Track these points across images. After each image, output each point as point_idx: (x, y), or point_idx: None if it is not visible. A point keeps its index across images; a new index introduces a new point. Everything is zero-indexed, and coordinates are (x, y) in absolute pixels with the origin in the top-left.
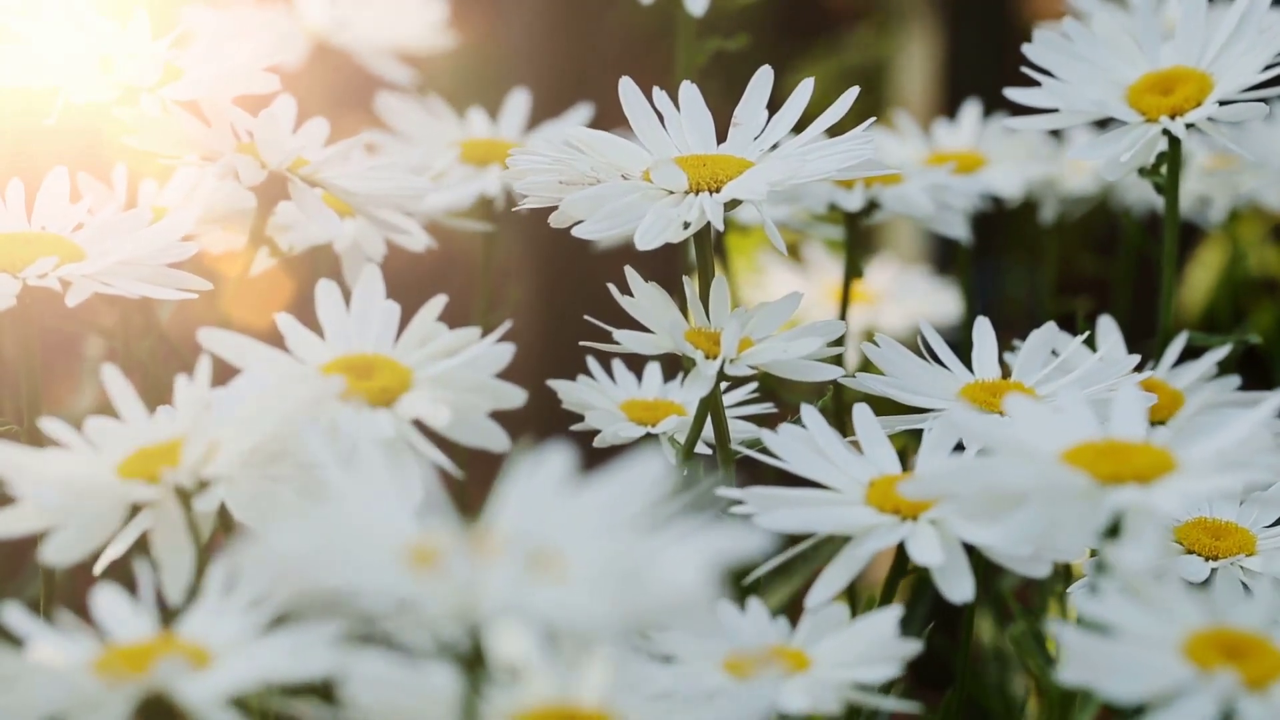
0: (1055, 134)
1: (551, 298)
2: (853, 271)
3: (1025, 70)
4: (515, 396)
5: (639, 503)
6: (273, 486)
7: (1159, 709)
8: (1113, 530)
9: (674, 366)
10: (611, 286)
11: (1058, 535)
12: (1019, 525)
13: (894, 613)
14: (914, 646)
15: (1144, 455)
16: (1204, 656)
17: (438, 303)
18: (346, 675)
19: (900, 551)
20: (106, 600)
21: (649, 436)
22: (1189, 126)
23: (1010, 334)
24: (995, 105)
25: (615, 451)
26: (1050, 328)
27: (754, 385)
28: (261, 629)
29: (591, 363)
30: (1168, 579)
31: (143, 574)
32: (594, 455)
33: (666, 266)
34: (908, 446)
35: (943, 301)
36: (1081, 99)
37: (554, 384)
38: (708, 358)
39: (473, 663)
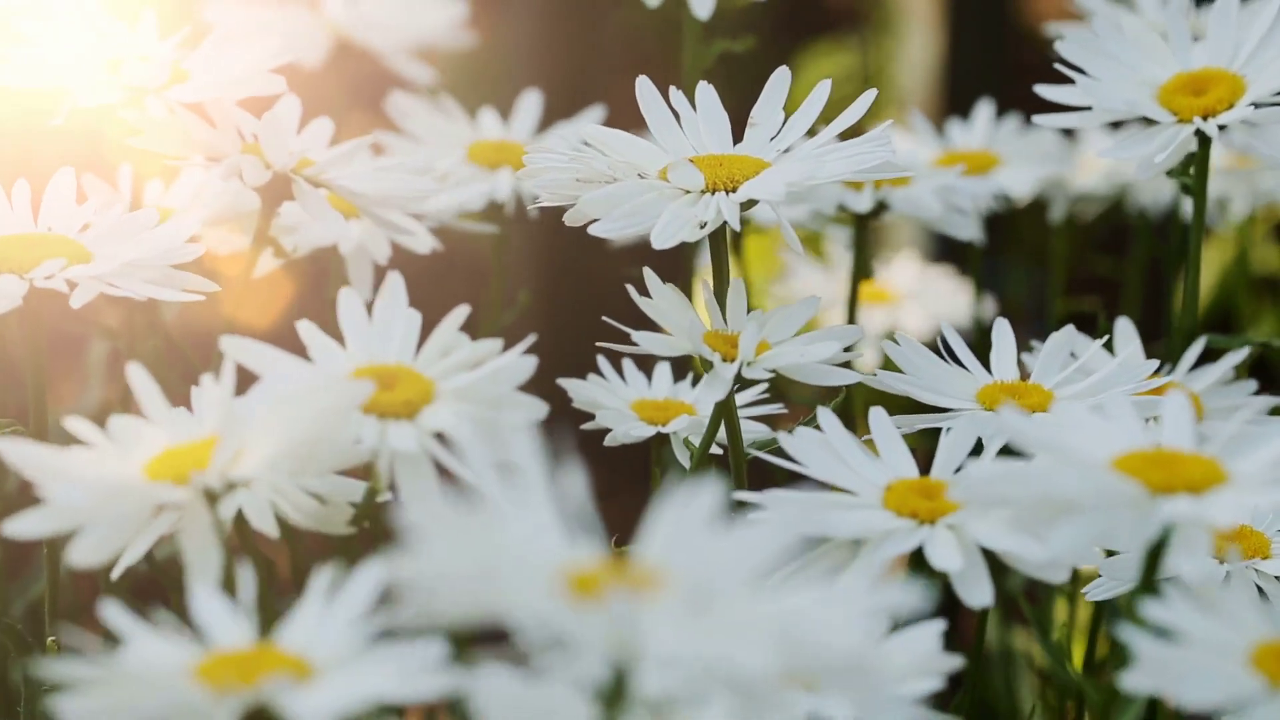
0: (1068, 134)
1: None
2: (861, 272)
3: (1058, 67)
4: (538, 409)
5: (789, 547)
6: (298, 493)
7: (1228, 718)
8: (1160, 540)
9: (683, 366)
10: (630, 288)
11: (1110, 544)
12: (1071, 534)
13: (937, 627)
14: (956, 661)
15: (1194, 465)
16: (1271, 668)
17: (460, 313)
18: (474, 693)
19: (916, 556)
20: (205, 602)
21: (660, 436)
22: (1221, 128)
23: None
24: (996, 105)
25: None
26: (1069, 330)
27: (764, 385)
28: (367, 642)
29: (602, 361)
30: (1235, 586)
31: (244, 576)
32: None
33: (673, 266)
34: (918, 445)
35: (965, 302)
36: (1114, 98)
37: (564, 383)
38: (725, 360)
39: (614, 695)
